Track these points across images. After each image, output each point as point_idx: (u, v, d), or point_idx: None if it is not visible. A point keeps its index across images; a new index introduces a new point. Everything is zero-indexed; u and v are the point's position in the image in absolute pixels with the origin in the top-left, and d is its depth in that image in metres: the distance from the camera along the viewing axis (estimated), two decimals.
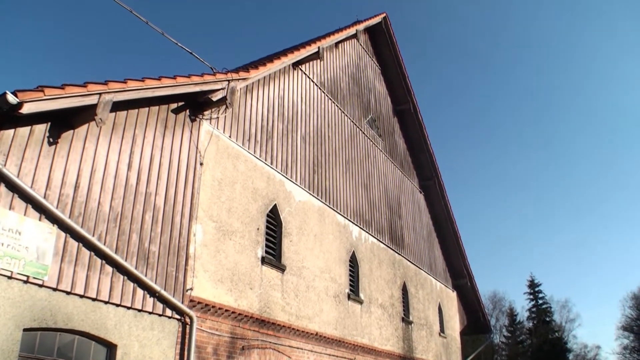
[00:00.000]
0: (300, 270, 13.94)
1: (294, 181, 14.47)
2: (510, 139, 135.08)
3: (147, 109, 10.04)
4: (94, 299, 8.26)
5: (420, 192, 24.84)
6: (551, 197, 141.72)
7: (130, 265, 8.91)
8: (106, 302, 8.48)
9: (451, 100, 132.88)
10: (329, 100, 17.59)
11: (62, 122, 8.19)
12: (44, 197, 7.69)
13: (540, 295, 70.47)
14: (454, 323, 26.42)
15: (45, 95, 7.37)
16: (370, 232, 18.51)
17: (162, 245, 9.80)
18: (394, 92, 23.84)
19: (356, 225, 17.54)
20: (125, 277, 8.89)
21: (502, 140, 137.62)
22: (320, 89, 17.14)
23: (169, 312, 9.68)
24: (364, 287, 17.22)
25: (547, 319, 68.35)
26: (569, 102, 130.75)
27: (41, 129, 7.88)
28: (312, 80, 16.72)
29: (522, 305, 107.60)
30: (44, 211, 7.69)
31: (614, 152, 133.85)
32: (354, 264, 17.03)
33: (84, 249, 8.22)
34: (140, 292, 9.13)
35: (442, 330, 24.15)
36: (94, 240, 8.31)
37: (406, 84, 23.74)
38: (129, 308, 8.89)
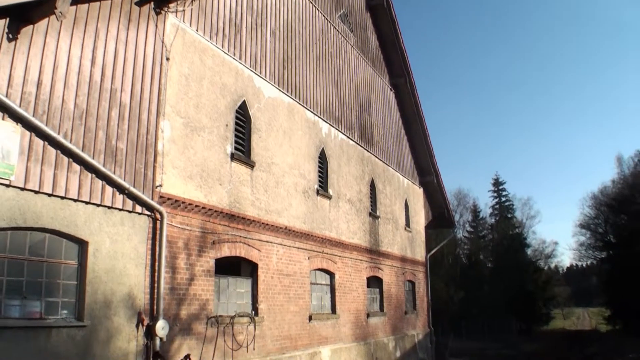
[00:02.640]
0: (270, 166, 14.05)
1: (263, 77, 14.26)
2: (487, 38, 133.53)
3: (109, 1, 9.56)
4: (62, 197, 8.28)
5: (391, 90, 24.74)
6: (518, 97, 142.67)
7: (97, 163, 8.87)
8: (75, 200, 8.51)
9: None
10: None
11: (21, 17, 7.78)
12: (6, 96, 7.45)
13: (504, 193, 72.46)
14: (420, 218, 27.22)
15: None
16: (340, 129, 18.56)
17: (130, 142, 9.73)
18: None
19: (326, 122, 17.55)
20: (94, 175, 8.87)
21: (476, 38, 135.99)
22: None
23: (139, 208, 9.78)
24: (332, 182, 17.49)
25: (509, 216, 70.59)
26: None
27: None
28: None
29: (485, 202, 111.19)
30: (6, 110, 7.48)
31: (578, 52, 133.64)
32: (323, 160, 17.19)
33: (49, 147, 8.12)
34: (109, 189, 9.16)
35: (407, 224, 24.90)
36: (60, 138, 8.20)
37: None
38: (98, 205, 8.94)
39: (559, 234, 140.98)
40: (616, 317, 55.98)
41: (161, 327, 9.68)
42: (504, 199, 72.34)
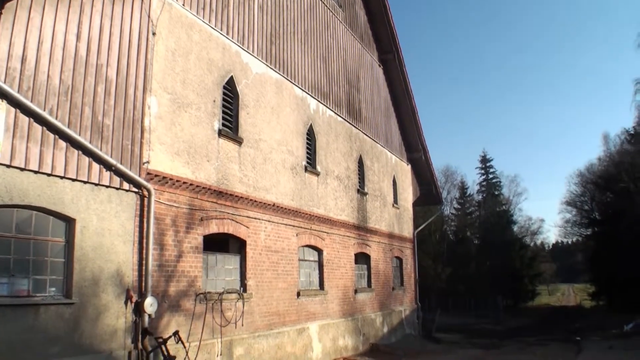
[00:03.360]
0: (258, 143, 14.00)
1: (251, 52, 14.13)
2: (476, 14, 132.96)
3: None
4: (49, 174, 8.22)
5: (380, 66, 24.61)
6: (507, 74, 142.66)
7: (84, 140, 8.79)
8: (62, 177, 8.45)
9: None
10: None
11: None
12: None
13: (491, 170, 72.71)
14: (407, 195, 27.30)
15: None
16: (328, 105, 18.49)
17: (116, 118, 9.63)
18: None
19: (314, 98, 17.46)
20: (80, 152, 8.80)
21: (465, 14, 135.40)
22: None
23: (126, 185, 9.73)
24: (320, 159, 17.46)
25: (496, 193, 71.01)
26: None
27: None
28: None
29: (473, 180, 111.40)
30: None
31: (567, 30, 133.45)
32: (311, 136, 17.14)
33: (35, 124, 8.03)
34: (96, 166, 9.09)
35: (395, 201, 24.97)
36: (45, 114, 8.10)
37: None
38: (85, 182, 8.89)
39: (545, 211, 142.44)
40: (600, 294, 56.82)
41: (149, 304, 9.70)
42: (491, 176, 72.63)
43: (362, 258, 20.85)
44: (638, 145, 47.80)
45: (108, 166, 9.30)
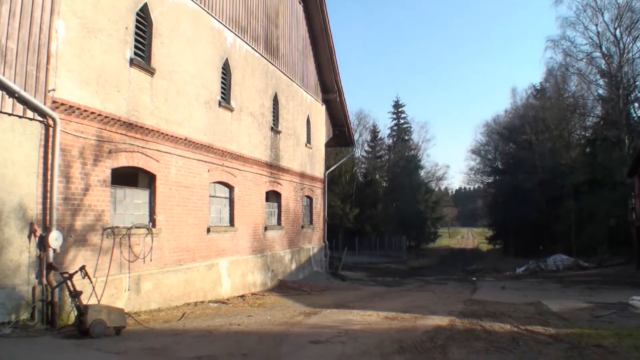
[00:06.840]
0: (171, 75, 13.55)
1: None
2: None
3: None
4: None
5: (300, 3, 24.15)
6: (424, 21, 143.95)
7: None
8: None
9: None
10: None
11: None
12: None
13: (403, 115, 74.57)
14: (320, 135, 27.42)
15: None
16: (246, 40, 18.06)
17: (21, 42, 9.01)
18: None
19: (231, 31, 16.98)
20: None
21: None
22: None
23: (30, 113, 9.21)
24: (235, 95, 17.16)
25: (406, 138, 73.16)
26: None
27: None
28: None
29: (384, 124, 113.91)
30: None
31: None
32: (226, 71, 16.76)
33: None
34: None
35: (308, 141, 25.05)
36: None
37: None
38: None
39: (451, 158, 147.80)
40: (497, 238, 60.58)
41: (54, 238, 9.39)
42: (402, 121, 74.42)
43: (273, 196, 20.96)
44: (543, 100, 50.12)
45: (11, 92, 8.75)
